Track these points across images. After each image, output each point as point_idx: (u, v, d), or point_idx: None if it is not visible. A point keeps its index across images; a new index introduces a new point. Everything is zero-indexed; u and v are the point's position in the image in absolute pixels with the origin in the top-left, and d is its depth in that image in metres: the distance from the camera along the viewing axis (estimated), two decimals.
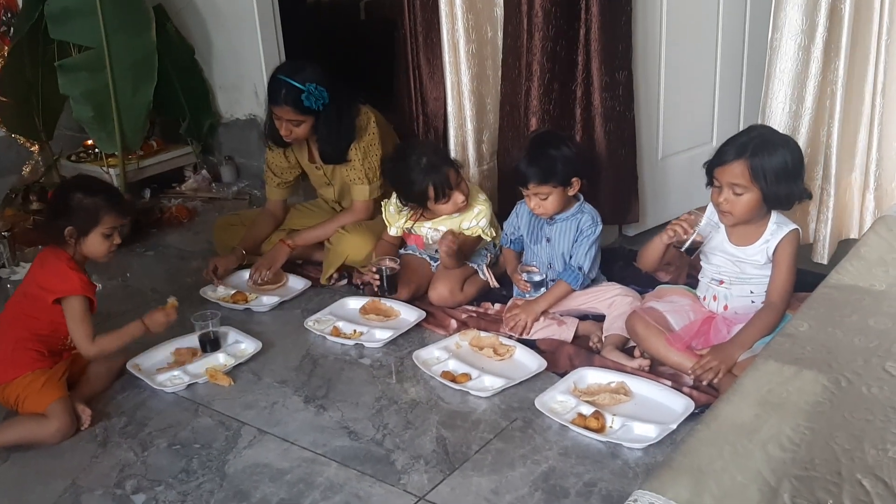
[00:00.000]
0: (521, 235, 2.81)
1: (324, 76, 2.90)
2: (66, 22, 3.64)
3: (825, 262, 2.81)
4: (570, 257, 2.68)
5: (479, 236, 2.87)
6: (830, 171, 2.74)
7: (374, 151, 3.02)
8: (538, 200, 2.61)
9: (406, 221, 2.92)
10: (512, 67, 3.07)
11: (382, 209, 2.98)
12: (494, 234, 2.91)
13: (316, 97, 2.86)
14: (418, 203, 2.80)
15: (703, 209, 2.39)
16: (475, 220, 2.84)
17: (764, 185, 2.21)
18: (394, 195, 2.95)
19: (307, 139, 3.06)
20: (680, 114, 3.28)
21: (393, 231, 2.96)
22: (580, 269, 2.63)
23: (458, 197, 2.78)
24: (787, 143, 2.30)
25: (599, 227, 2.67)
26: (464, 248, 2.84)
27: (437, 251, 2.85)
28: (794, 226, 2.32)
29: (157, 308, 2.46)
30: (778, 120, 2.73)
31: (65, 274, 2.30)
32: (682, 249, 2.35)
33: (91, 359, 2.40)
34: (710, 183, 2.31)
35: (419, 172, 2.74)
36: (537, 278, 2.68)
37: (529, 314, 2.60)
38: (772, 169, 2.20)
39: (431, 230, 2.89)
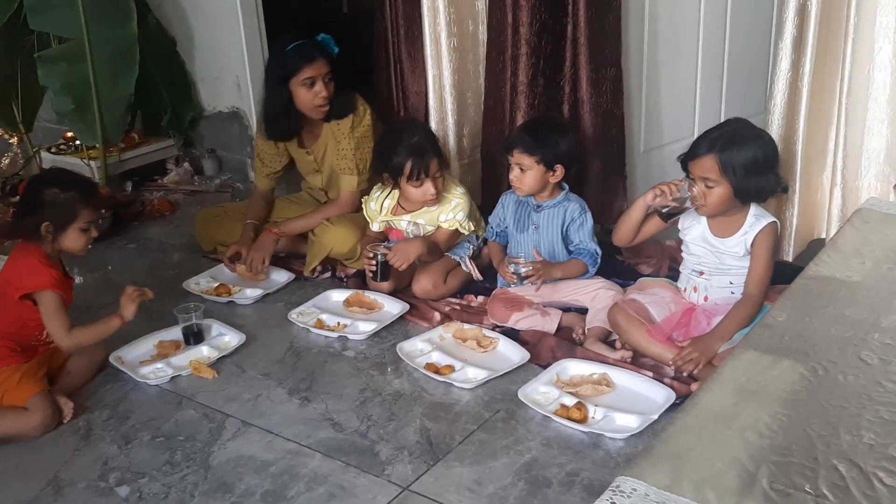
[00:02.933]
0: (506, 228, 2.83)
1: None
2: (45, 12, 3.61)
3: (790, 259, 2.83)
4: (570, 244, 2.71)
5: (457, 230, 2.87)
6: (796, 168, 2.75)
7: (366, 144, 3.04)
8: (518, 172, 2.64)
9: (386, 214, 2.93)
10: (495, 62, 3.08)
11: (363, 206, 2.98)
12: (474, 227, 2.92)
13: (331, 42, 2.96)
14: (392, 175, 2.81)
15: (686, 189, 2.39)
16: (452, 212, 2.85)
17: (734, 178, 2.25)
18: (373, 191, 2.96)
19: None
20: (662, 108, 3.31)
21: (375, 227, 2.97)
22: (596, 252, 2.67)
23: (429, 188, 2.78)
24: (760, 136, 2.33)
25: (589, 213, 2.71)
26: (439, 244, 2.86)
27: None
28: (772, 219, 2.35)
29: (125, 297, 2.40)
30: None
31: (35, 269, 2.28)
32: (664, 212, 2.37)
33: (68, 351, 2.38)
34: (686, 176, 2.34)
35: (406, 146, 2.76)
36: (523, 270, 2.69)
37: (545, 275, 2.60)
38: (741, 163, 2.24)
39: (410, 223, 2.90)
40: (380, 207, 2.94)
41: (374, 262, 2.76)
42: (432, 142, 2.85)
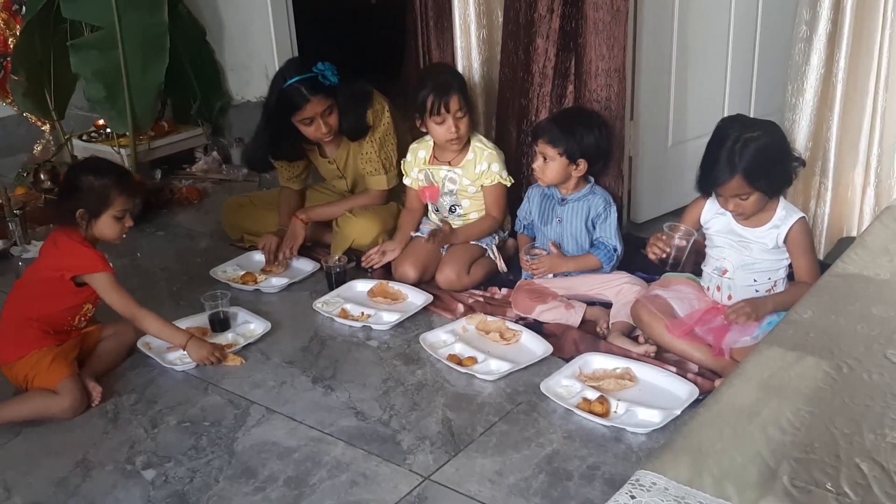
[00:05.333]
0: (533, 220, 2.83)
1: (316, 54, 2.95)
2: (78, 1, 3.65)
3: (821, 257, 2.80)
4: (593, 237, 2.72)
5: (500, 185, 2.87)
6: (829, 165, 2.72)
7: (389, 140, 3.05)
8: (541, 161, 2.66)
9: (423, 164, 2.95)
10: (512, 53, 3.06)
11: (402, 164, 3.02)
12: (512, 181, 2.92)
13: (330, 71, 2.89)
14: (419, 114, 2.85)
15: (676, 226, 2.39)
16: (486, 161, 2.87)
17: (763, 184, 2.25)
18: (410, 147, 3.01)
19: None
20: (690, 101, 3.28)
21: (408, 181, 3.01)
22: (615, 249, 2.68)
23: (450, 126, 2.79)
24: (767, 132, 2.27)
25: (615, 207, 2.71)
26: (490, 209, 2.92)
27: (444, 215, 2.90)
28: (801, 213, 2.35)
29: (210, 343, 2.50)
30: (782, 114, 2.74)
31: (82, 252, 2.33)
32: (668, 266, 2.39)
33: (132, 320, 2.42)
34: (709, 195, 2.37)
35: (430, 81, 2.82)
36: (536, 258, 2.70)
37: (553, 266, 2.64)
38: (764, 169, 2.22)
39: (449, 172, 2.92)
40: (414, 158, 2.96)
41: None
42: (458, 82, 2.86)
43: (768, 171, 2.24)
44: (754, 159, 2.21)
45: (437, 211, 3.01)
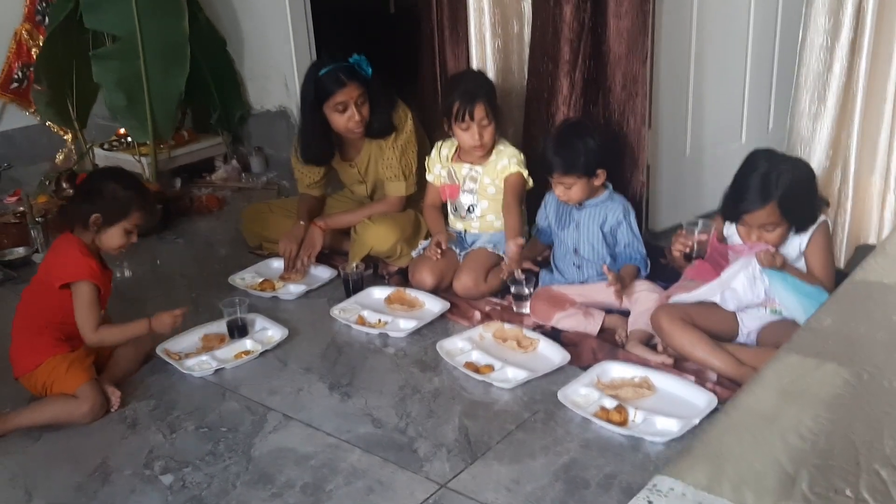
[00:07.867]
0: (550, 225, 2.84)
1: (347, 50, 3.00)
2: (99, 11, 3.71)
3: (841, 266, 2.77)
4: (613, 247, 2.72)
5: (521, 175, 2.87)
6: (849, 173, 2.69)
7: (411, 148, 3.08)
8: (563, 189, 2.66)
9: (446, 161, 2.98)
10: (539, 61, 3.08)
11: (426, 161, 3.06)
12: (531, 185, 2.93)
13: (365, 63, 2.95)
14: (447, 118, 2.87)
15: (693, 223, 2.42)
16: (507, 158, 2.89)
17: (794, 217, 2.26)
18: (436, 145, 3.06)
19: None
20: (709, 110, 3.27)
21: (430, 178, 3.04)
22: (645, 255, 2.70)
23: (475, 133, 2.81)
24: (798, 166, 2.31)
25: (633, 213, 2.72)
26: (510, 202, 2.90)
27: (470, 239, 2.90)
28: (823, 217, 2.34)
29: (164, 311, 2.44)
30: (800, 122, 2.72)
31: (75, 259, 2.32)
32: (692, 258, 2.43)
33: (91, 345, 2.38)
34: (735, 222, 2.35)
35: (459, 87, 2.86)
36: (525, 292, 2.73)
37: (623, 284, 2.59)
38: (798, 202, 2.25)
39: (471, 170, 2.94)
40: (438, 155, 3.01)
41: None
42: (486, 90, 2.87)
43: (801, 203, 2.25)
44: (790, 189, 2.22)
45: (456, 210, 3.02)
